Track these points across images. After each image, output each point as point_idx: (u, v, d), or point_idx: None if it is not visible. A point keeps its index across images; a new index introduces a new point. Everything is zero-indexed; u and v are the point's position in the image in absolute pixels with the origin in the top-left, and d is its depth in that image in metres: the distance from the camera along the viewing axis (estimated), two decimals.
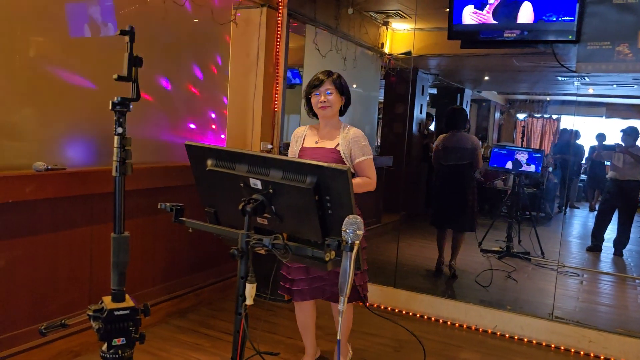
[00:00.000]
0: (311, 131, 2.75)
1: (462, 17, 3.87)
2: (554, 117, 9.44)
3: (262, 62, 4.04)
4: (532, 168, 5.39)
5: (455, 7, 3.88)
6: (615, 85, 6.96)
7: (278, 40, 4.10)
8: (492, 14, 3.72)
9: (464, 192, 4.88)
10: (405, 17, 5.67)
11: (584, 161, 8.08)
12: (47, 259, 2.80)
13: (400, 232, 5.02)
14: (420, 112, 7.22)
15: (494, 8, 3.71)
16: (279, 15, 4.10)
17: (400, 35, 6.22)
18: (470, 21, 3.83)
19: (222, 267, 4.06)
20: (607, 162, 6.45)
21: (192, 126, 3.84)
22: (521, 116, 9.60)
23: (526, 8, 3.63)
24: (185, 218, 1.86)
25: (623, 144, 6.10)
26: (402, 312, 4.05)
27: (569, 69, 3.70)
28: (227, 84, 4.15)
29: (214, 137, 4.07)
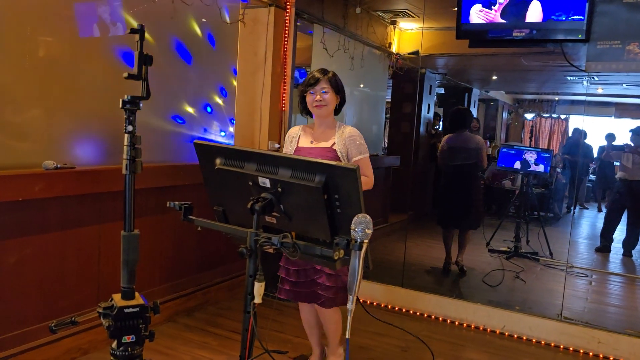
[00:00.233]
0: (306, 131, 2.70)
1: (469, 16, 3.85)
2: (562, 117, 9.38)
3: (270, 61, 4.05)
4: (540, 168, 5.36)
5: (463, 6, 3.87)
6: (624, 85, 6.91)
7: (286, 39, 4.10)
8: (501, 13, 3.70)
9: (469, 191, 4.94)
10: (413, 17, 5.66)
11: (592, 161, 8.03)
12: (56, 257, 2.81)
13: (407, 231, 5.01)
14: (428, 112, 7.20)
15: (502, 7, 3.68)
16: (287, 14, 4.11)
17: (408, 35, 6.20)
18: (478, 20, 3.81)
19: (229, 266, 4.07)
20: (616, 162, 6.40)
21: (199, 125, 3.85)
22: (529, 116, 9.55)
23: (535, 7, 3.61)
24: (193, 216, 1.86)
25: (632, 144, 6.06)
26: (410, 311, 4.04)
27: (579, 68, 3.67)
28: (235, 84, 4.16)
29: (222, 136, 4.08)
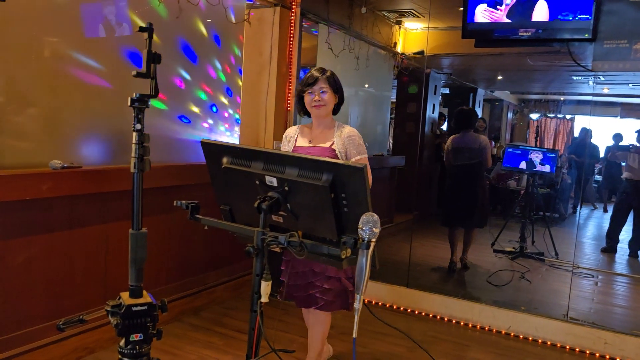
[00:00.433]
0: (303, 131, 2.65)
1: (475, 15, 3.84)
2: (568, 117, 9.34)
3: (275, 61, 4.05)
4: (546, 168, 5.33)
5: (469, 6, 3.86)
6: (631, 85, 6.87)
7: (291, 39, 4.10)
8: (507, 14, 3.69)
9: (475, 190, 4.97)
10: (418, 17, 5.65)
11: (598, 161, 7.99)
12: (62, 256, 2.82)
13: (413, 232, 5.00)
14: (433, 112, 7.19)
15: (509, 9, 3.67)
16: (292, 14, 4.11)
17: (413, 35, 6.20)
18: (483, 19, 3.80)
19: (234, 265, 4.08)
20: (622, 162, 6.37)
21: (205, 125, 3.85)
22: (534, 116, 9.52)
23: (541, 7, 3.59)
24: (200, 215, 1.86)
25: (638, 144, 6.04)
26: (415, 312, 4.03)
27: (585, 67, 3.66)
28: (241, 83, 4.16)
29: (227, 136, 4.08)
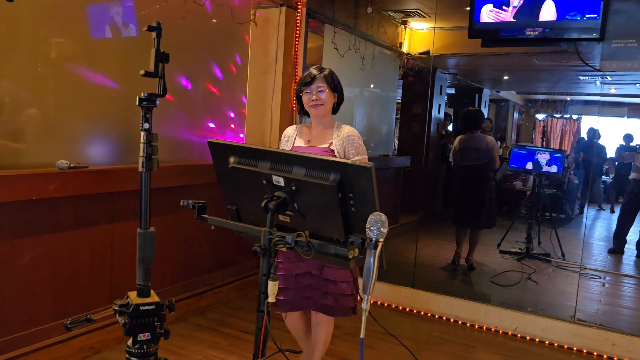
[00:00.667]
0: (302, 130, 2.59)
1: (480, 16, 3.83)
2: (574, 117, 9.31)
3: (281, 61, 4.05)
4: (553, 169, 5.30)
5: (476, 5, 3.84)
6: (638, 85, 6.84)
7: (297, 39, 4.10)
8: (513, 16, 3.66)
9: (482, 191, 4.98)
10: (424, 16, 5.64)
11: (605, 162, 7.95)
12: (68, 256, 2.83)
13: (418, 232, 4.99)
14: (439, 112, 7.17)
15: (516, 11, 3.65)
16: (298, 14, 4.11)
17: (419, 35, 6.18)
18: (488, 20, 3.79)
19: (240, 266, 4.08)
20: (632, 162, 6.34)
21: (211, 125, 3.86)
22: (540, 116, 9.48)
23: (548, 6, 3.57)
24: (206, 215, 1.86)
25: None
26: (421, 312, 4.01)
27: (593, 67, 3.64)
28: (246, 84, 4.16)
29: (233, 136, 4.09)
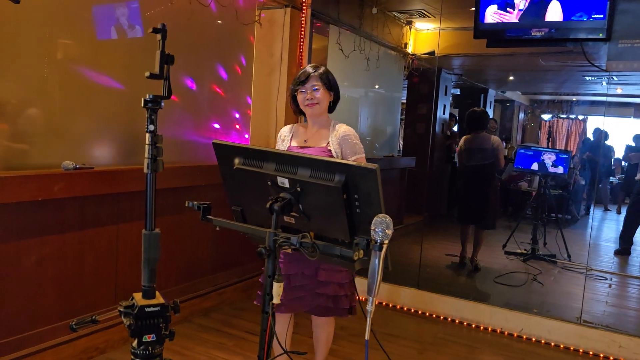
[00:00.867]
0: (298, 130, 2.55)
1: (484, 17, 3.81)
2: (580, 117, 9.26)
3: (286, 62, 4.05)
4: (559, 170, 5.27)
5: (481, 6, 3.83)
6: None
7: (302, 40, 4.10)
8: (519, 19, 3.65)
9: (486, 191, 5.02)
10: (429, 17, 5.63)
11: (612, 163, 7.92)
12: (74, 257, 2.84)
13: (423, 233, 4.98)
14: (444, 113, 7.15)
15: (522, 14, 3.63)
16: (303, 15, 4.11)
17: (424, 35, 6.17)
18: (492, 21, 3.78)
19: (244, 266, 4.08)
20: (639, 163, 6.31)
21: (216, 126, 3.86)
22: (546, 117, 9.44)
23: (554, 7, 3.56)
24: (211, 216, 1.86)
25: None
26: (426, 314, 4.00)
27: (599, 67, 3.62)
28: (251, 84, 4.16)
29: (238, 136, 4.09)
